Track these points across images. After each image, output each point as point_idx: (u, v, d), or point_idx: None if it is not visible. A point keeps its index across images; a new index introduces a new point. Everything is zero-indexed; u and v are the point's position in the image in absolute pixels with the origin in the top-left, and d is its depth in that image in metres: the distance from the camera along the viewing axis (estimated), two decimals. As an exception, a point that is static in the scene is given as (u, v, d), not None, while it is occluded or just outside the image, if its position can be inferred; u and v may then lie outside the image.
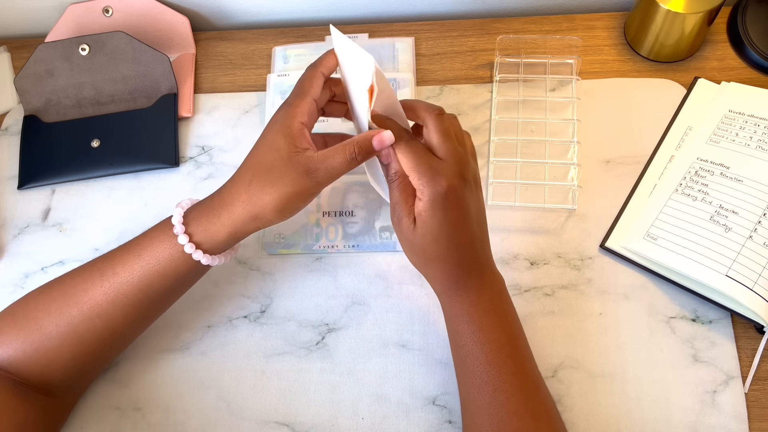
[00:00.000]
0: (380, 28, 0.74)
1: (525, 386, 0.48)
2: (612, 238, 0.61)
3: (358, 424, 0.56)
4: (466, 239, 0.49)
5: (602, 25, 0.72)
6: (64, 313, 0.50)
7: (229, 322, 0.60)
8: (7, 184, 0.68)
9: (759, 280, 0.55)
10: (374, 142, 0.48)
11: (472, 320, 0.49)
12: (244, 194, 0.49)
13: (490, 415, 0.47)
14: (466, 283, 0.49)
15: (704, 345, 0.57)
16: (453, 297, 0.50)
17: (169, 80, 0.70)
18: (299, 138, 0.49)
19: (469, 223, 0.49)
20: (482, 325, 0.49)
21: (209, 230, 0.50)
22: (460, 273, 0.49)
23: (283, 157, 0.48)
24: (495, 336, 0.49)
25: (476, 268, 0.50)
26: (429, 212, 0.47)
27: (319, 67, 0.52)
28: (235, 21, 0.78)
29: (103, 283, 0.50)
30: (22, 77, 0.68)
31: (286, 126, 0.49)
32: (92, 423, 0.57)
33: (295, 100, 0.50)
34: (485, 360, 0.48)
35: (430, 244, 0.48)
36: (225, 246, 0.51)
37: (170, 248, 0.50)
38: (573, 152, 0.65)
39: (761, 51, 0.67)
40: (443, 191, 0.47)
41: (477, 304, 0.49)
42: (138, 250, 0.51)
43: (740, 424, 0.54)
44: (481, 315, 0.49)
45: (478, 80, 0.70)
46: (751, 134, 0.62)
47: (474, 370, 0.48)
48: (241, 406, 0.57)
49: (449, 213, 0.47)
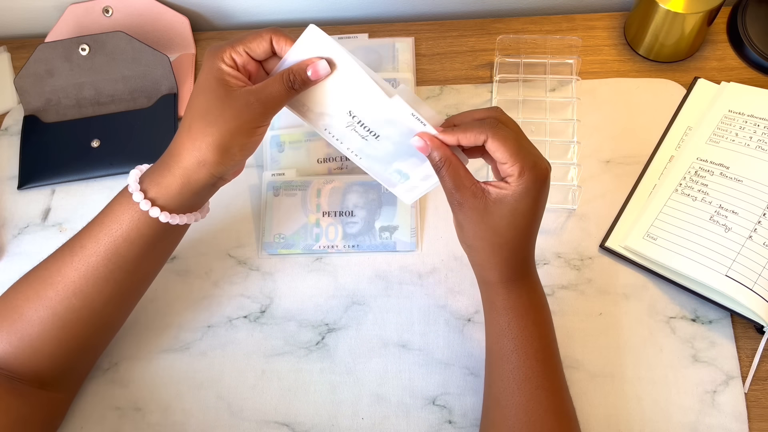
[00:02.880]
0: (380, 28, 0.74)
1: (563, 386, 0.49)
2: (612, 238, 0.61)
3: (358, 424, 0.56)
4: (535, 230, 0.49)
5: (602, 25, 0.72)
6: (42, 296, 0.49)
7: (229, 322, 0.60)
8: (7, 184, 0.68)
9: (759, 280, 0.55)
10: (309, 71, 0.47)
11: (527, 314, 0.48)
12: (187, 141, 0.48)
13: (528, 412, 0.47)
14: (525, 275, 0.49)
15: (704, 345, 0.57)
16: (511, 289, 0.49)
17: (169, 80, 0.70)
18: (231, 75, 0.48)
19: (540, 217, 0.48)
20: (535, 320, 0.49)
21: (161, 184, 0.48)
22: (523, 264, 0.49)
23: (219, 96, 0.47)
24: (543, 332, 0.49)
25: (533, 262, 0.50)
26: (519, 196, 0.45)
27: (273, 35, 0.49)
28: (235, 21, 0.78)
29: (73, 260, 0.49)
30: (22, 77, 0.68)
31: (215, 68, 0.48)
32: (92, 423, 0.57)
33: (225, 44, 0.49)
34: (533, 356, 0.48)
35: (507, 228, 0.46)
36: (181, 199, 0.49)
37: (130, 210, 0.49)
38: (573, 152, 0.65)
39: (761, 51, 0.67)
40: (543, 178, 0.45)
41: (532, 299, 0.49)
42: (101, 218, 0.50)
43: (740, 424, 0.54)
44: (535, 310, 0.49)
45: (478, 80, 0.70)
46: (751, 134, 0.62)
47: (519, 365, 0.48)
48: (241, 406, 0.57)
49: (539, 201, 0.46)
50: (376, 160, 0.53)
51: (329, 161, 0.66)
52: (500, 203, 0.46)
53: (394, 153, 0.51)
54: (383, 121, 0.50)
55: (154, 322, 0.60)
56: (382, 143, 0.51)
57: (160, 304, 0.61)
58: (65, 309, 0.49)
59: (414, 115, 0.48)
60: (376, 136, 0.51)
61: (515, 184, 0.45)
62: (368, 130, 0.51)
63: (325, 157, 0.66)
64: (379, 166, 0.53)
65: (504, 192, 0.45)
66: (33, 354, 0.50)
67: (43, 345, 0.50)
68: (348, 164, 0.65)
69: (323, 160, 0.66)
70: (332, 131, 0.52)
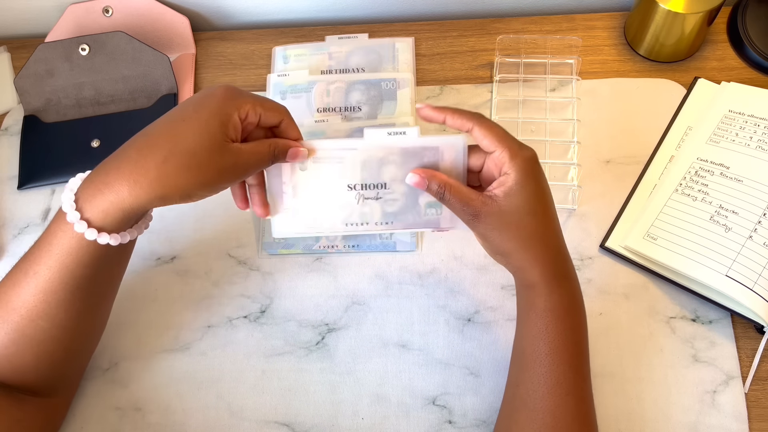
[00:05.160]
0: (380, 28, 0.74)
1: (590, 394, 0.48)
2: (612, 238, 0.61)
3: (358, 424, 0.56)
4: (553, 213, 0.48)
5: (602, 25, 0.72)
6: (6, 320, 0.47)
7: (229, 322, 0.60)
8: (7, 184, 0.68)
9: (759, 280, 0.55)
10: (289, 152, 0.49)
11: (566, 317, 0.47)
12: (153, 171, 0.43)
13: (556, 417, 0.46)
14: (566, 276, 0.48)
15: (704, 345, 0.57)
16: (553, 289, 0.47)
17: (169, 80, 0.70)
18: (235, 130, 0.46)
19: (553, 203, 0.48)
20: (572, 325, 0.48)
21: (108, 211, 0.44)
22: (559, 256, 0.48)
23: (215, 142, 0.44)
24: (578, 338, 0.48)
25: (570, 261, 0.49)
26: (522, 180, 0.46)
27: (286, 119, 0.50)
28: (235, 21, 0.78)
29: (29, 284, 0.46)
30: (22, 77, 0.68)
31: (227, 114, 0.45)
32: (92, 423, 0.57)
33: (246, 96, 0.47)
34: (567, 362, 0.47)
35: (528, 216, 0.46)
36: (129, 223, 0.46)
37: (74, 237, 0.45)
38: (573, 152, 0.65)
39: (761, 51, 0.67)
40: (533, 158, 0.47)
41: (573, 303, 0.48)
42: (47, 244, 0.46)
43: (740, 424, 0.54)
44: (573, 314, 0.48)
45: (478, 80, 0.70)
46: (751, 134, 0.62)
47: (552, 369, 0.47)
48: (241, 406, 0.57)
49: (541, 181, 0.47)
50: (405, 211, 0.52)
51: (329, 161, 0.66)
52: (510, 196, 0.46)
53: (411, 189, 0.51)
54: (377, 166, 0.50)
55: (154, 322, 0.60)
56: (395, 188, 0.51)
57: (160, 304, 0.61)
58: (34, 330, 0.47)
59: (390, 132, 0.49)
60: (383, 186, 0.51)
61: (513, 170, 0.46)
62: (374, 186, 0.51)
63: (325, 157, 0.66)
64: (411, 216, 0.52)
65: (508, 184, 0.46)
66: (15, 370, 0.48)
67: (23, 362, 0.48)
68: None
69: (323, 160, 0.66)
70: (352, 219, 0.52)
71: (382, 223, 0.52)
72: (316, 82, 0.69)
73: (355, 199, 0.51)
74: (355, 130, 0.66)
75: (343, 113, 0.67)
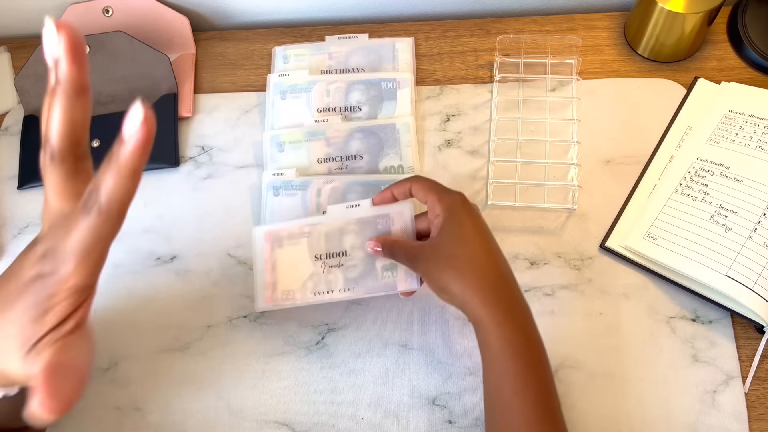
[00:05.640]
0: (380, 28, 0.74)
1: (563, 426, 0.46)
2: (612, 238, 0.61)
3: (358, 424, 0.56)
4: (494, 247, 0.49)
5: (602, 25, 0.72)
6: None
7: (229, 322, 0.60)
8: (7, 184, 0.68)
9: (759, 280, 0.55)
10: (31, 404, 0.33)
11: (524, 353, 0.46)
12: None
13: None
14: (512, 302, 0.47)
15: (704, 345, 0.57)
16: (501, 323, 0.46)
17: (169, 80, 0.70)
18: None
19: (490, 236, 0.50)
20: (530, 360, 0.46)
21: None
22: (502, 285, 0.47)
23: None
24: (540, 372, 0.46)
25: (515, 288, 0.48)
26: (450, 215, 0.49)
27: None
28: (235, 21, 0.78)
29: None
30: (22, 77, 0.68)
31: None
32: (92, 423, 0.57)
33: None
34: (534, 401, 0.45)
35: (459, 246, 0.48)
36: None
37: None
38: (573, 152, 0.65)
39: (761, 51, 0.67)
40: (460, 198, 0.51)
41: (525, 334, 0.47)
42: None
43: (740, 424, 0.54)
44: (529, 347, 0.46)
45: (478, 80, 0.70)
46: (751, 134, 0.62)
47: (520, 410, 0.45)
48: (241, 406, 0.57)
49: (471, 215, 0.50)
50: (364, 275, 0.57)
51: (329, 161, 0.66)
52: (441, 231, 0.50)
53: (369, 255, 0.57)
54: (338, 236, 0.58)
55: (154, 322, 0.60)
56: (354, 254, 0.57)
57: (160, 304, 0.61)
58: None
59: (347, 206, 0.58)
60: (344, 253, 0.57)
61: (441, 211, 0.50)
62: (336, 254, 0.57)
63: (325, 157, 0.66)
64: (371, 281, 0.57)
65: (438, 222, 0.50)
66: None
67: None
68: (348, 164, 0.65)
69: (323, 160, 0.66)
70: (319, 288, 0.57)
71: (345, 289, 0.57)
72: (316, 82, 0.69)
73: (321, 268, 0.57)
74: (356, 130, 0.66)
75: (343, 113, 0.67)
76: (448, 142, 0.67)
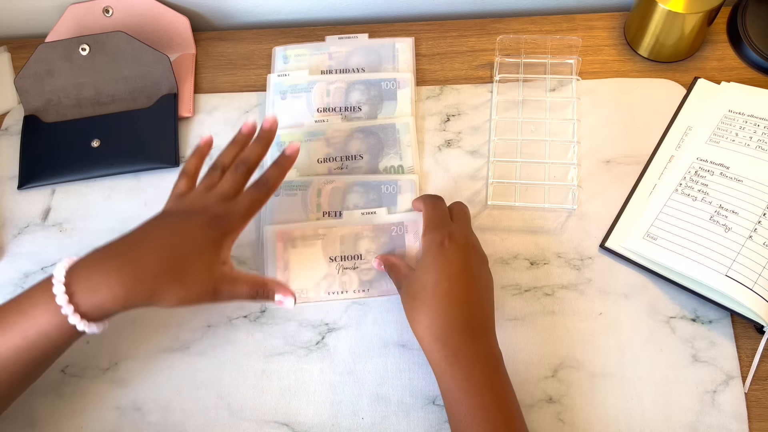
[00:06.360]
0: (380, 28, 0.74)
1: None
2: (612, 238, 0.61)
3: (358, 424, 0.56)
4: (456, 295, 0.49)
5: (602, 25, 0.72)
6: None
7: (229, 322, 0.60)
8: (7, 184, 0.68)
9: (759, 280, 0.55)
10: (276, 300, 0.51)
11: (465, 397, 0.47)
12: (150, 280, 0.46)
13: None
14: (457, 350, 0.48)
15: (704, 345, 0.57)
16: (443, 366, 0.48)
17: (169, 80, 0.70)
18: (226, 254, 0.50)
19: (464, 281, 0.50)
20: (476, 404, 0.47)
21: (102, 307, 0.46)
22: (449, 333, 0.48)
23: (205, 263, 0.48)
24: (491, 415, 0.46)
25: (470, 335, 0.49)
26: (424, 256, 0.51)
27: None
28: (235, 21, 0.78)
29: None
30: (22, 77, 0.68)
31: (221, 239, 0.49)
32: (92, 423, 0.57)
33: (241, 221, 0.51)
34: None
35: (419, 289, 0.51)
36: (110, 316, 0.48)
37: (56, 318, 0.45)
38: (573, 152, 0.65)
39: (761, 51, 0.67)
40: (440, 239, 0.51)
41: (470, 380, 0.47)
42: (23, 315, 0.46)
43: (740, 424, 0.54)
44: (475, 392, 0.47)
45: (478, 80, 0.70)
46: (751, 134, 0.62)
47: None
48: (241, 406, 0.57)
49: (438, 261, 0.51)
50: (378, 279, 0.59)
51: (329, 161, 0.66)
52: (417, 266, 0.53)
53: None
54: (354, 241, 0.60)
55: (154, 322, 0.60)
56: (369, 259, 0.60)
57: (160, 304, 0.61)
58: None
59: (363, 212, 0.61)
60: (360, 257, 0.60)
61: (420, 246, 0.53)
62: (351, 257, 0.59)
63: (325, 157, 0.66)
64: (384, 283, 0.59)
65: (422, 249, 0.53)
66: None
67: None
68: (348, 164, 0.65)
69: (323, 160, 0.66)
70: (333, 288, 0.60)
71: (360, 290, 0.59)
72: (316, 82, 0.69)
73: (335, 269, 0.60)
74: (356, 130, 0.66)
75: (343, 113, 0.68)
76: (448, 142, 0.67)
